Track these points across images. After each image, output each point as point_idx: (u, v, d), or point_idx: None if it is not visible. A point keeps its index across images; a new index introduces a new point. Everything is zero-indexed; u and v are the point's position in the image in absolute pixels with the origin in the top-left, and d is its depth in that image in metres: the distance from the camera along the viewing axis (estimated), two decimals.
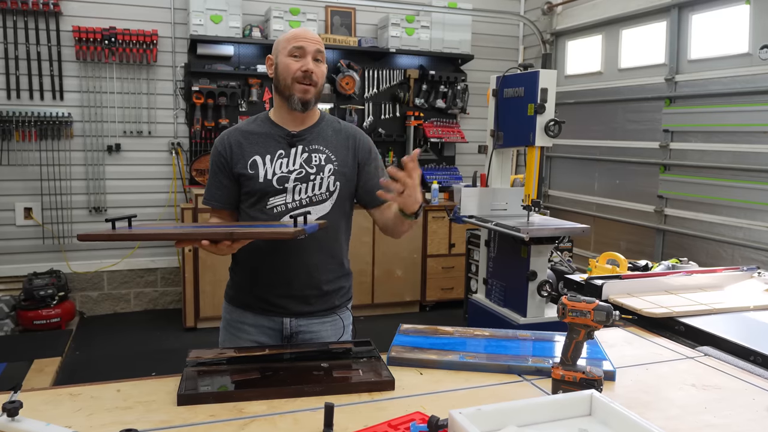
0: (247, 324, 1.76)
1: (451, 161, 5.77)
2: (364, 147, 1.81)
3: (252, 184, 1.70)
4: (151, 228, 1.66)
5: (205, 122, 4.84)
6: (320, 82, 1.72)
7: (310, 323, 1.76)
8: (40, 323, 4.39)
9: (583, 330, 1.31)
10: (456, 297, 5.17)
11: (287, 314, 1.74)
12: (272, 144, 1.72)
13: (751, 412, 1.29)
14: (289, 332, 1.75)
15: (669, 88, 4.26)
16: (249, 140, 1.73)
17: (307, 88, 1.68)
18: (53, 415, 1.21)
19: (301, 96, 1.69)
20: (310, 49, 1.68)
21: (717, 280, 2.21)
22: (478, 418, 1.04)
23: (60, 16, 4.57)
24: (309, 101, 1.70)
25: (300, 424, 1.20)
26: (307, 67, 1.67)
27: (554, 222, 3.41)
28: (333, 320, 1.80)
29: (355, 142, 1.79)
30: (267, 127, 1.75)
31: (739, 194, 3.74)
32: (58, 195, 4.69)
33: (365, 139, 1.83)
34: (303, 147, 1.73)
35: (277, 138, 1.73)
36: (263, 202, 1.70)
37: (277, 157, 1.71)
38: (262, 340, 1.74)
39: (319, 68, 1.70)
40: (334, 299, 1.79)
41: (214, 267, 4.41)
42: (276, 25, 4.83)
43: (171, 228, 1.66)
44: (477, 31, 5.61)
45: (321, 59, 1.71)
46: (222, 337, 1.83)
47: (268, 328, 1.75)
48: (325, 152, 1.74)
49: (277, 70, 1.72)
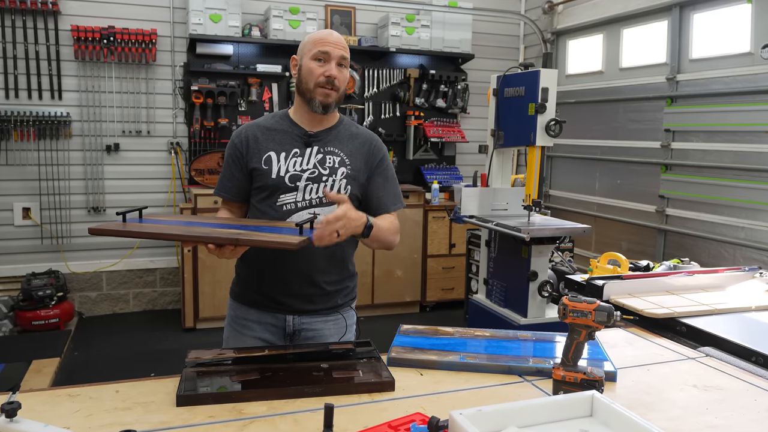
0: (251, 320, 1.77)
1: (452, 161, 5.77)
2: (377, 156, 1.81)
3: (264, 180, 1.71)
4: (160, 223, 1.65)
5: (204, 122, 4.84)
6: (342, 87, 1.73)
7: (312, 321, 1.76)
8: (39, 324, 4.38)
9: (584, 330, 1.30)
10: (456, 297, 5.16)
11: (290, 312, 1.75)
12: (288, 141, 1.74)
13: (752, 413, 1.29)
14: (291, 329, 1.75)
15: (670, 87, 4.25)
16: (266, 136, 1.75)
17: (328, 92, 1.70)
18: (52, 416, 1.21)
19: (322, 99, 1.70)
20: (335, 54, 1.69)
21: (718, 281, 2.21)
22: (479, 419, 1.04)
23: (59, 15, 4.56)
24: (330, 105, 1.72)
25: (300, 425, 1.19)
26: (330, 73, 1.69)
27: (555, 222, 3.40)
28: (336, 319, 1.80)
29: (370, 148, 1.80)
30: (285, 125, 1.77)
31: (740, 194, 3.73)
32: (56, 195, 4.68)
33: (380, 148, 1.83)
34: (318, 148, 1.74)
35: (294, 136, 1.75)
36: (273, 198, 1.71)
37: (292, 155, 1.72)
38: (265, 336, 1.76)
39: (342, 74, 1.71)
40: (337, 298, 1.79)
41: (213, 267, 4.40)
42: (275, 24, 4.82)
43: (180, 225, 1.64)
44: (477, 31, 5.61)
45: (345, 65, 1.73)
46: (226, 334, 1.85)
47: (272, 325, 1.76)
48: (339, 155, 1.75)
49: (301, 72, 1.73)
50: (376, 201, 1.79)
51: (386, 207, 1.80)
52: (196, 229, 1.56)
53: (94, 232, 1.49)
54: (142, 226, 1.56)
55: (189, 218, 1.80)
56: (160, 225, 1.63)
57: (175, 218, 1.81)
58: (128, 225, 1.53)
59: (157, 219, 1.77)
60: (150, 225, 1.59)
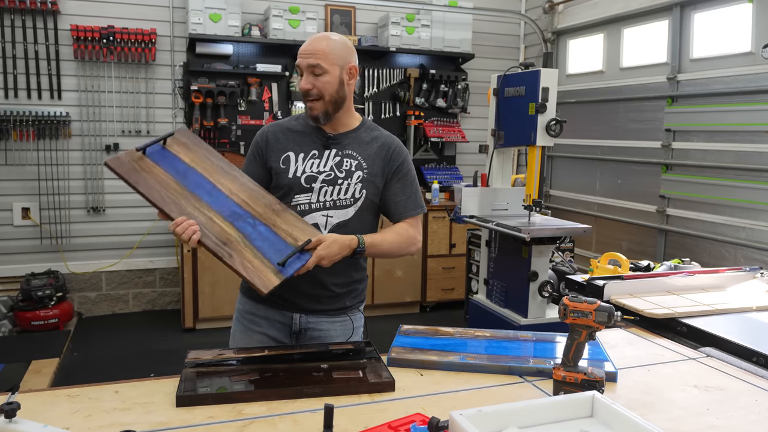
0: (258, 316, 1.78)
1: (452, 161, 5.76)
2: (396, 161, 1.79)
3: (281, 179, 1.73)
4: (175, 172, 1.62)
5: (204, 122, 4.83)
6: (327, 93, 1.69)
7: (319, 321, 1.76)
8: (38, 324, 4.38)
9: (585, 331, 1.30)
10: (456, 297, 5.16)
11: (297, 310, 1.75)
12: (308, 143, 1.75)
13: (753, 414, 1.29)
14: (298, 328, 1.76)
15: (671, 87, 4.25)
16: (287, 136, 1.77)
17: (311, 104, 1.71)
18: (51, 416, 1.20)
19: (310, 113, 1.73)
20: (303, 65, 1.69)
21: (719, 281, 2.20)
22: (479, 419, 1.04)
23: (58, 14, 4.56)
24: (317, 116, 1.72)
25: (300, 426, 1.19)
26: (301, 86, 1.71)
27: (555, 222, 3.40)
28: (343, 320, 1.80)
29: (388, 153, 1.79)
30: (306, 127, 1.79)
31: (741, 194, 3.73)
32: (56, 195, 4.68)
33: (399, 152, 1.81)
34: (337, 150, 1.75)
35: (313, 138, 1.76)
36: (288, 198, 1.72)
37: (310, 156, 1.73)
38: (272, 333, 1.77)
39: (318, 80, 1.68)
40: (345, 300, 1.79)
41: (212, 268, 4.40)
42: (275, 24, 4.82)
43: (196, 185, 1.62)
44: (478, 30, 5.60)
45: (321, 71, 1.68)
46: (234, 328, 1.86)
47: (279, 322, 1.76)
48: (357, 158, 1.75)
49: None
50: (393, 206, 1.79)
51: (403, 213, 1.78)
52: (192, 204, 1.56)
53: (109, 164, 1.55)
54: (149, 176, 1.57)
55: (216, 170, 1.68)
56: (169, 178, 1.60)
57: (202, 161, 1.69)
58: (142, 166, 1.58)
59: (177, 160, 1.66)
60: (159, 178, 1.59)
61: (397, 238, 1.74)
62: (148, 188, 1.55)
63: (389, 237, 1.73)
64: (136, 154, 1.60)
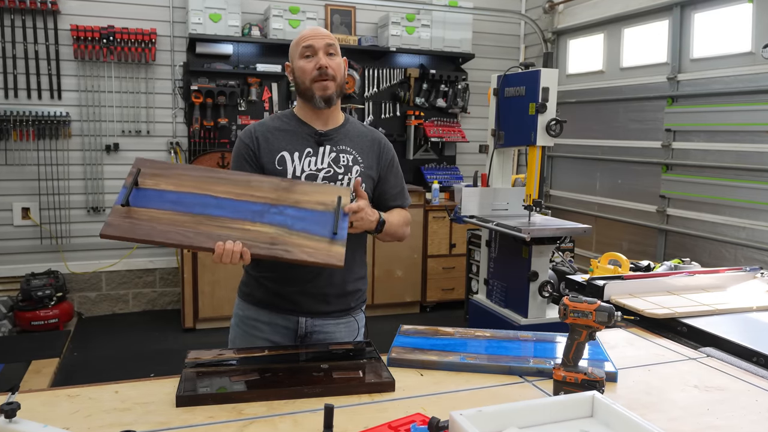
0: (261, 322, 1.74)
1: (452, 161, 5.76)
2: (388, 154, 1.83)
3: None
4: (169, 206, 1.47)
5: (204, 121, 4.83)
6: (339, 75, 1.72)
7: (325, 323, 1.74)
8: (38, 324, 4.38)
9: (585, 331, 1.30)
10: (457, 297, 5.16)
11: (303, 313, 1.72)
12: (300, 141, 1.73)
13: (753, 414, 1.29)
14: (303, 332, 1.73)
15: (671, 87, 4.25)
16: (276, 136, 1.73)
17: (325, 84, 1.69)
18: (51, 416, 1.20)
19: (321, 93, 1.70)
20: (320, 44, 1.69)
21: (719, 281, 2.20)
22: (479, 419, 1.03)
23: (58, 14, 4.56)
24: (330, 96, 1.71)
25: (300, 426, 1.19)
26: (320, 63, 1.68)
27: (555, 222, 3.40)
28: (348, 321, 1.79)
29: (380, 147, 1.81)
30: (294, 125, 1.76)
31: (742, 194, 3.73)
32: (56, 195, 4.68)
33: (389, 146, 1.85)
34: (331, 147, 1.74)
35: (304, 136, 1.74)
36: None
37: (306, 155, 1.72)
38: (275, 339, 1.72)
39: (333, 61, 1.71)
40: (350, 300, 1.78)
41: (212, 268, 4.39)
42: (275, 23, 4.82)
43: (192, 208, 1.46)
44: (478, 30, 5.60)
45: (334, 52, 1.72)
46: (232, 335, 1.80)
47: (283, 327, 1.73)
48: (352, 153, 1.75)
49: (295, 75, 1.74)
50: (391, 198, 1.82)
51: (399, 203, 1.84)
52: (215, 225, 1.45)
53: (105, 234, 1.40)
54: (153, 223, 1.43)
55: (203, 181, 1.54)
56: (171, 213, 1.46)
57: (184, 181, 1.53)
58: (137, 217, 1.42)
59: (162, 192, 1.51)
60: (163, 219, 1.44)
61: (400, 220, 1.79)
62: (164, 234, 1.42)
63: (394, 218, 1.76)
64: (121, 210, 1.43)
